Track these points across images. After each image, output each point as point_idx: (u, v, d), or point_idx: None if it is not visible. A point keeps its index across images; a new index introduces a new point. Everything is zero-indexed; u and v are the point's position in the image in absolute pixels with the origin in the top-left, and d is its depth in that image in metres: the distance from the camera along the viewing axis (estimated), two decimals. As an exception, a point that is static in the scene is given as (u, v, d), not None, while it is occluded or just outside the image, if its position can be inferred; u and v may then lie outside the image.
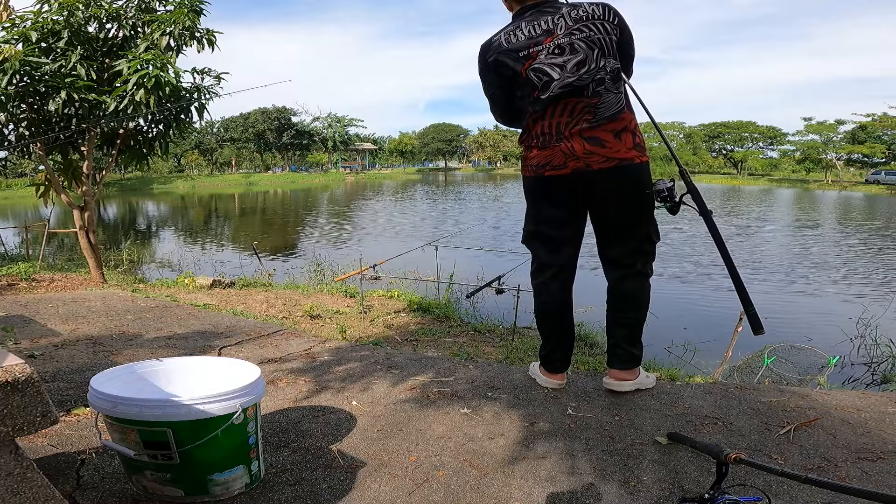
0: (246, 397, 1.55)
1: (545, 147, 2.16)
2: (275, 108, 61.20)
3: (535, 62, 2.07)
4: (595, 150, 2.09)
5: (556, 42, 2.06)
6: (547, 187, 2.22)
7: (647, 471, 1.75)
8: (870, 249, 12.29)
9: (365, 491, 1.65)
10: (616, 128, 2.09)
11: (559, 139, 2.12)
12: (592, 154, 2.09)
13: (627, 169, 2.13)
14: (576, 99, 2.08)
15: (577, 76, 2.06)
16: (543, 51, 2.07)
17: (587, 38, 2.05)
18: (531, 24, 2.09)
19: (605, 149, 2.09)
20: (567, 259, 2.34)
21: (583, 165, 2.11)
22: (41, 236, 9.85)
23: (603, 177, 2.12)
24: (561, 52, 2.05)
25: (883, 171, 47.04)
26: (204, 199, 34.91)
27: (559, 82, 2.06)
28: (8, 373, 1.17)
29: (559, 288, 2.39)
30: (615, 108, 2.09)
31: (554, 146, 2.13)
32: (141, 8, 5.67)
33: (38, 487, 1.23)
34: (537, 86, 2.10)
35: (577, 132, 2.09)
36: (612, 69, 2.09)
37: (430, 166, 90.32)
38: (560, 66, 2.06)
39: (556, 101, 2.10)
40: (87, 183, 6.13)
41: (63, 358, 2.86)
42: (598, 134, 2.08)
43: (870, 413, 2.17)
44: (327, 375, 2.66)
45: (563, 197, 2.23)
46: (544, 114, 2.13)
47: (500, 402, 2.32)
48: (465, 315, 5.41)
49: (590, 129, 2.08)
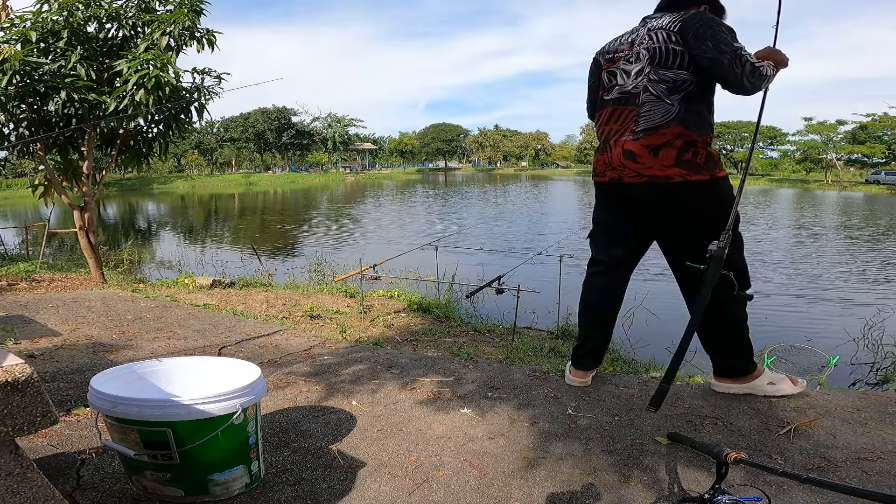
0: (246, 397, 1.55)
1: (599, 152, 2.23)
2: (275, 108, 61.21)
3: (612, 65, 2.15)
4: (627, 164, 2.08)
5: (633, 50, 2.10)
6: (598, 190, 2.32)
7: (647, 471, 1.75)
8: (871, 250, 12.29)
9: (365, 491, 1.65)
10: (653, 142, 2.02)
11: (605, 146, 2.17)
12: (625, 167, 2.09)
13: (662, 187, 2.04)
14: (627, 107, 2.08)
15: (633, 84, 2.07)
16: (622, 57, 2.12)
17: (647, 46, 2.05)
18: (628, 33, 2.17)
19: (637, 164, 2.06)
20: (614, 261, 2.35)
21: (616, 176, 2.13)
22: (41, 236, 9.85)
23: (637, 191, 2.11)
24: (634, 60, 2.09)
25: (883, 171, 47.00)
26: (204, 199, 34.91)
27: (619, 88, 2.12)
28: (8, 373, 1.17)
29: (600, 285, 2.41)
30: (658, 120, 2.01)
31: (601, 152, 2.20)
32: (141, 8, 5.67)
33: (38, 487, 1.23)
34: (605, 86, 2.18)
35: (620, 142, 2.10)
36: (663, 79, 2.01)
37: (430, 166, 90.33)
38: (627, 73, 2.10)
39: (611, 106, 2.14)
40: (86, 183, 6.13)
41: (63, 358, 2.86)
42: (633, 147, 2.06)
43: (870, 413, 2.17)
44: (327, 375, 2.66)
45: (608, 202, 2.28)
46: (601, 116, 2.20)
47: (501, 402, 2.31)
48: (465, 315, 5.41)
49: (630, 140, 2.07)
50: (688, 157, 2.01)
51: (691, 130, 2.00)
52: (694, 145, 2.01)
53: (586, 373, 2.46)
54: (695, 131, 2.01)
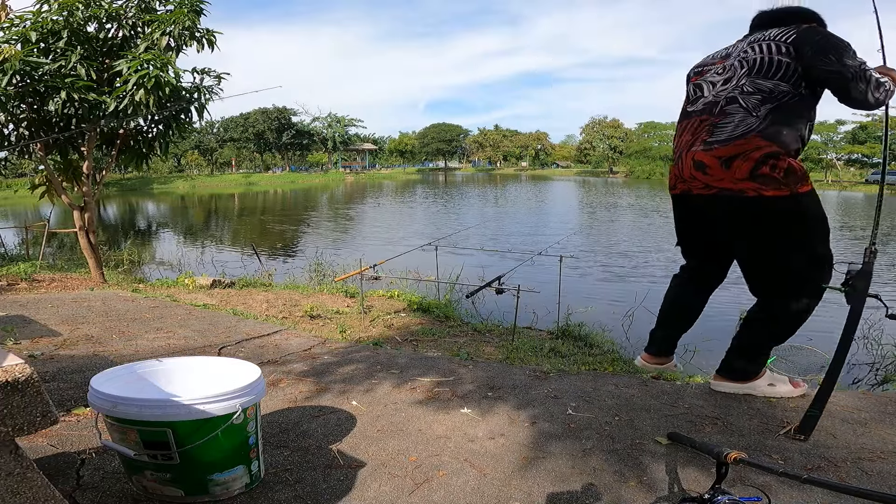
0: (246, 397, 1.55)
1: (673, 164, 2.19)
2: (275, 108, 61.20)
3: (699, 78, 2.13)
4: (697, 175, 2.03)
5: (726, 63, 2.06)
6: (672, 202, 2.32)
7: (647, 471, 1.75)
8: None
9: (365, 491, 1.65)
10: (726, 153, 1.94)
11: (678, 158, 2.13)
12: (694, 178, 2.05)
13: (733, 201, 1.96)
14: (704, 117, 2.04)
15: (716, 94, 2.04)
16: (712, 70, 2.10)
17: (744, 58, 2.00)
18: (724, 49, 2.15)
19: (706, 175, 1.99)
20: (693, 266, 2.39)
21: (686, 188, 2.11)
22: (41, 236, 9.85)
23: (705, 203, 2.07)
24: (724, 71, 2.05)
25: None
26: (204, 199, 34.90)
27: (703, 100, 2.08)
28: (8, 373, 1.17)
29: (680, 282, 2.44)
30: (737, 130, 1.94)
31: (675, 164, 2.16)
32: (141, 8, 5.67)
33: (38, 487, 1.23)
34: (690, 99, 2.15)
35: (691, 153, 2.05)
36: (758, 89, 1.93)
37: (430, 166, 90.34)
38: (713, 84, 2.06)
39: (690, 117, 2.11)
40: (87, 183, 6.13)
41: (63, 358, 2.86)
42: (704, 158, 1.99)
43: (870, 413, 2.17)
44: (327, 375, 2.66)
45: (681, 213, 2.28)
46: (679, 128, 2.17)
47: (500, 402, 2.31)
48: (465, 315, 5.41)
49: (701, 150, 2.01)
50: (764, 171, 1.90)
51: (774, 143, 1.91)
52: (774, 158, 1.90)
53: (653, 357, 2.49)
54: (778, 144, 1.91)
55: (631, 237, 13.33)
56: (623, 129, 70.98)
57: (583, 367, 3.26)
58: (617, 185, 45.03)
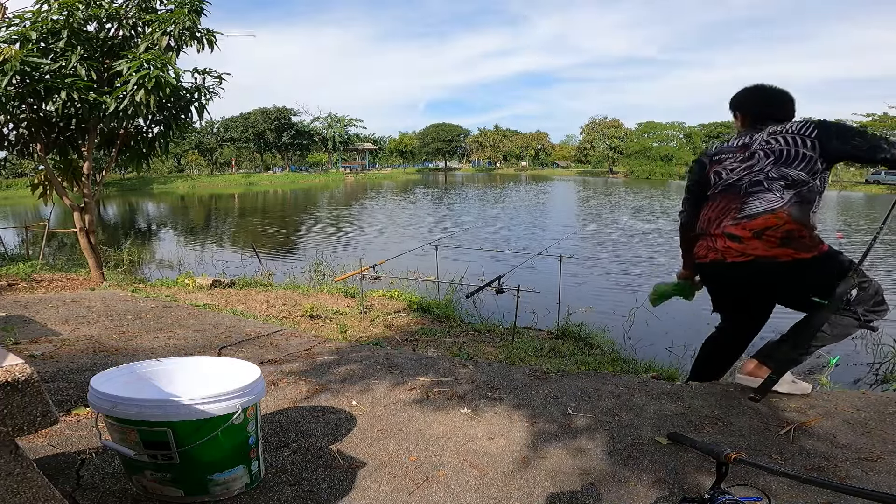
0: (246, 397, 1.55)
1: (702, 238, 2.41)
2: (275, 108, 61.20)
3: (718, 165, 2.35)
4: (732, 246, 2.25)
5: (746, 153, 2.28)
6: (701, 272, 2.54)
7: (647, 471, 1.75)
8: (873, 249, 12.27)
9: (365, 491, 1.65)
10: (756, 226, 2.19)
11: (708, 232, 2.36)
12: (729, 249, 2.26)
13: (768, 265, 2.19)
14: (730, 196, 2.27)
15: (738, 177, 2.26)
16: (730, 158, 2.32)
17: (768, 148, 2.23)
18: (738, 138, 2.37)
19: (741, 244, 2.22)
20: (733, 328, 2.54)
21: (719, 257, 2.30)
22: (41, 236, 9.85)
23: (741, 269, 2.24)
24: (744, 160, 2.27)
25: (883, 171, 46.96)
26: (204, 199, 34.91)
27: (724, 182, 2.31)
28: (8, 373, 1.17)
29: (713, 338, 2.62)
30: (766, 207, 2.18)
31: (704, 237, 2.39)
32: (141, 7, 5.66)
33: (38, 487, 1.23)
34: (710, 183, 2.38)
35: (723, 226, 2.28)
36: (782, 176, 2.17)
37: (430, 166, 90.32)
38: (732, 170, 2.29)
39: (717, 198, 2.34)
40: (86, 184, 6.13)
41: (63, 358, 2.86)
42: (736, 231, 2.24)
43: (870, 413, 2.17)
44: (327, 375, 2.66)
45: (712, 282, 2.51)
46: (707, 208, 2.39)
47: (501, 402, 2.31)
48: (465, 315, 5.40)
49: (731, 225, 2.26)
50: (793, 238, 2.17)
51: (797, 221, 2.16)
52: (798, 231, 2.17)
53: None
54: (801, 222, 2.16)
55: (631, 237, 13.34)
56: (623, 129, 70.97)
57: (583, 367, 3.26)
58: (617, 185, 45.03)
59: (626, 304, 5.99)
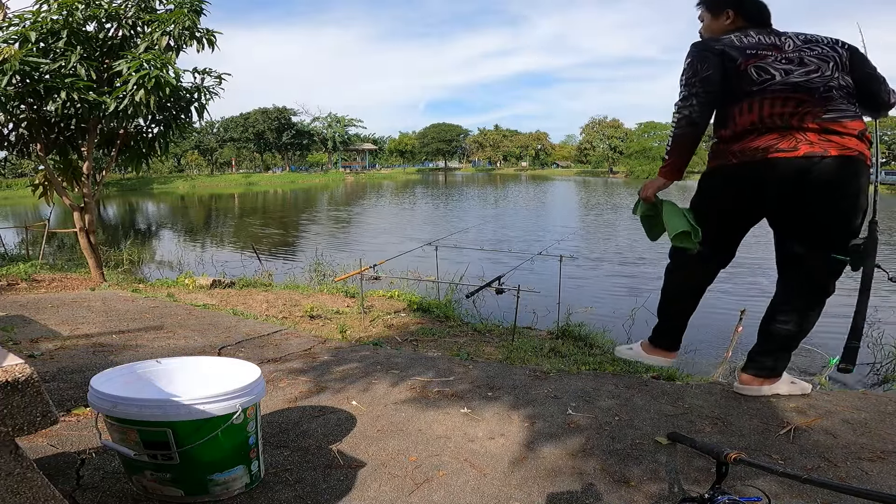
0: (246, 397, 1.55)
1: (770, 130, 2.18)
2: (275, 108, 61.23)
3: (760, 61, 2.17)
4: (833, 140, 2.14)
5: (787, 54, 2.17)
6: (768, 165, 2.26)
7: (648, 471, 1.75)
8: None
9: (365, 491, 1.65)
10: (856, 127, 2.16)
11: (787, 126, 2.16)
12: (830, 142, 2.14)
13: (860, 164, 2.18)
14: (801, 96, 2.14)
15: (802, 78, 2.14)
16: (772, 56, 2.17)
17: (822, 55, 2.17)
18: (760, 35, 2.24)
19: (843, 139, 2.14)
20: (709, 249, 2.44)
21: (817, 150, 2.15)
22: (41, 236, 9.85)
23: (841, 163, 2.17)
24: (797, 63, 2.16)
25: (883, 171, 47.07)
26: (204, 199, 34.91)
27: (781, 81, 2.15)
28: (8, 373, 1.17)
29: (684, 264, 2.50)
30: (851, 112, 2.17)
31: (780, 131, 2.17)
32: (141, 7, 5.66)
33: (38, 487, 1.23)
34: (752, 79, 2.18)
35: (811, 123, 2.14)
36: (847, 84, 2.17)
37: (429, 166, 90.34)
38: (786, 71, 2.15)
39: (775, 95, 2.16)
40: (87, 184, 6.13)
41: (63, 358, 2.86)
42: (837, 126, 2.14)
43: (870, 413, 2.17)
44: (327, 375, 2.66)
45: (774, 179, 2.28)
46: (755, 103, 2.18)
47: (500, 402, 2.31)
48: (465, 315, 5.40)
49: (829, 120, 2.15)
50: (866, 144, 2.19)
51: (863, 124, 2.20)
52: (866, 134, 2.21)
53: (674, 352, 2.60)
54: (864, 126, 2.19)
55: (631, 238, 13.33)
56: (623, 129, 71.01)
57: (583, 367, 3.26)
58: (617, 185, 45.04)
59: (626, 304, 5.99)
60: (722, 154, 2.27)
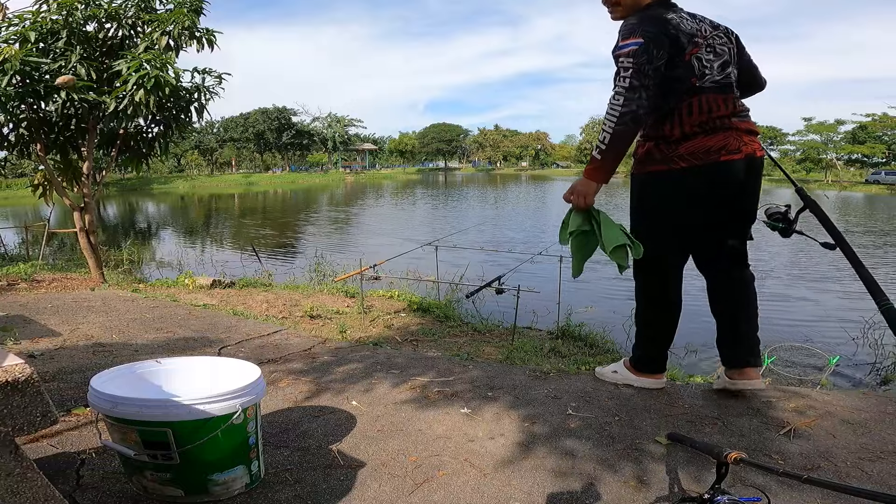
0: (246, 397, 1.55)
1: (717, 130, 2.07)
2: (275, 108, 61.25)
3: (699, 51, 2.04)
4: (755, 140, 2.14)
5: (706, 42, 2.07)
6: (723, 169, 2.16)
7: (647, 471, 1.75)
8: (873, 249, 12.28)
9: (365, 491, 1.65)
10: (753, 126, 2.17)
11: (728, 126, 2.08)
12: (754, 142, 2.13)
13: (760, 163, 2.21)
14: (726, 93, 2.08)
15: (722, 74, 2.09)
16: (702, 44, 2.05)
17: (726, 45, 2.12)
18: (684, 19, 2.06)
19: (755, 140, 2.14)
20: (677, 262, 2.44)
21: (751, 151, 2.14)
22: (41, 236, 9.85)
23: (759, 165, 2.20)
24: (715, 53, 2.08)
25: (883, 171, 47.05)
26: (204, 199, 34.91)
27: (711, 77, 2.06)
28: (8, 373, 1.17)
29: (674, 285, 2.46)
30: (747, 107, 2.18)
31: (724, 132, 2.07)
32: (140, 7, 5.66)
33: (38, 487, 1.23)
34: (694, 71, 2.04)
35: (742, 124, 2.11)
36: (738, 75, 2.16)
37: (430, 166, 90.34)
38: (712, 64, 2.07)
39: (706, 92, 2.05)
40: (87, 184, 6.13)
41: (63, 358, 2.86)
42: (752, 126, 2.15)
43: (870, 413, 2.17)
44: (327, 375, 2.66)
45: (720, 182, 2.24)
46: (700, 98, 2.05)
47: (500, 402, 2.31)
48: (465, 315, 5.40)
49: (740, 121, 2.12)
50: None
51: None
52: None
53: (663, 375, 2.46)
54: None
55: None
56: (623, 129, 70.84)
57: (583, 368, 3.26)
58: (617, 185, 45.03)
59: (626, 304, 5.99)
60: (665, 157, 2.08)
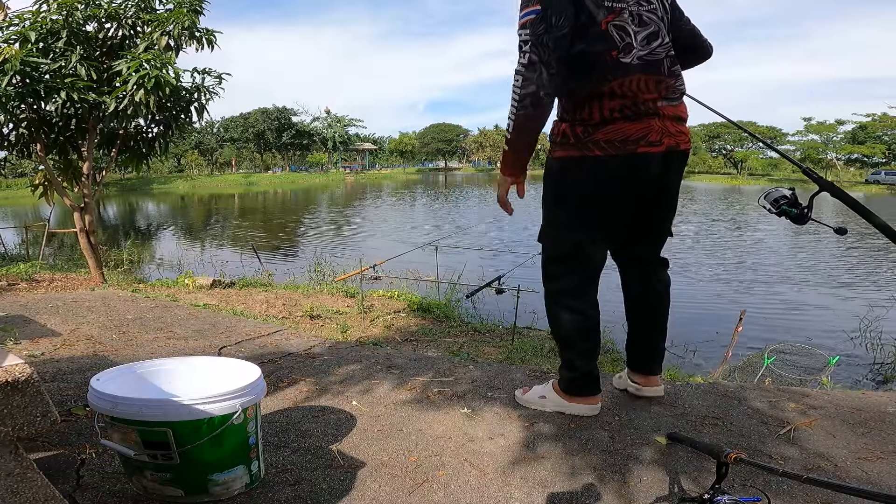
0: (246, 397, 1.55)
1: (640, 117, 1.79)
2: (275, 108, 61.26)
3: (617, 18, 1.73)
4: (683, 130, 1.88)
5: (628, 8, 1.76)
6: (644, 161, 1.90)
7: (647, 471, 1.75)
8: (871, 249, 12.28)
9: (365, 491, 1.65)
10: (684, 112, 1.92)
11: (653, 112, 1.79)
12: (681, 133, 1.86)
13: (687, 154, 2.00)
14: (652, 72, 1.77)
15: (648, 50, 1.77)
16: (624, 11, 1.74)
17: (655, 10, 1.80)
18: None
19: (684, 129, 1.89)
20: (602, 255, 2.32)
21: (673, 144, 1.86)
22: (41, 236, 9.85)
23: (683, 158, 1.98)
24: (641, 23, 1.77)
25: (883, 171, 47.07)
26: (204, 199, 34.91)
27: (636, 52, 1.76)
28: (8, 373, 1.17)
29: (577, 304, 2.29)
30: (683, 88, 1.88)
31: (648, 118, 1.80)
32: (140, 7, 5.67)
33: (38, 487, 1.23)
34: (617, 45, 1.74)
35: (670, 108, 1.83)
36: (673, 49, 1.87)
37: (430, 166, 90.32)
38: (638, 37, 1.76)
39: (629, 69, 1.76)
40: (87, 184, 6.13)
41: (63, 358, 2.86)
42: (681, 113, 1.88)
43: (870, 413, 2.17)
44: (327, 375, 2.66)
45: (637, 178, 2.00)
46: (621, 79, 1.75)
47: (500, 402, 2.31)
48: (465, 315, 5.41)
49: (671, 107, 1.84)
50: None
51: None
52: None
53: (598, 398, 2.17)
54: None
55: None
56: (623, 129, 70.84)
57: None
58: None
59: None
60: (580, 141, 1.82)
